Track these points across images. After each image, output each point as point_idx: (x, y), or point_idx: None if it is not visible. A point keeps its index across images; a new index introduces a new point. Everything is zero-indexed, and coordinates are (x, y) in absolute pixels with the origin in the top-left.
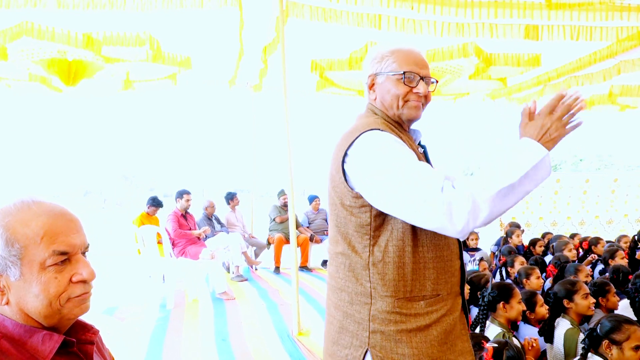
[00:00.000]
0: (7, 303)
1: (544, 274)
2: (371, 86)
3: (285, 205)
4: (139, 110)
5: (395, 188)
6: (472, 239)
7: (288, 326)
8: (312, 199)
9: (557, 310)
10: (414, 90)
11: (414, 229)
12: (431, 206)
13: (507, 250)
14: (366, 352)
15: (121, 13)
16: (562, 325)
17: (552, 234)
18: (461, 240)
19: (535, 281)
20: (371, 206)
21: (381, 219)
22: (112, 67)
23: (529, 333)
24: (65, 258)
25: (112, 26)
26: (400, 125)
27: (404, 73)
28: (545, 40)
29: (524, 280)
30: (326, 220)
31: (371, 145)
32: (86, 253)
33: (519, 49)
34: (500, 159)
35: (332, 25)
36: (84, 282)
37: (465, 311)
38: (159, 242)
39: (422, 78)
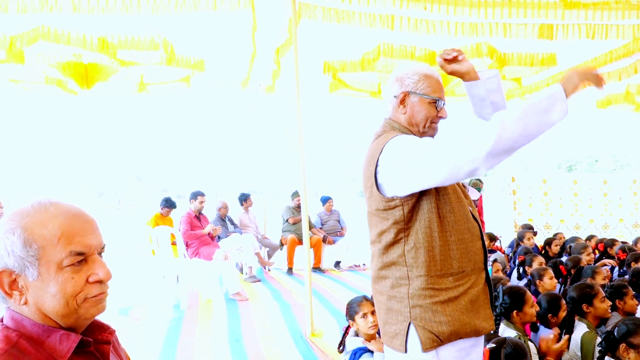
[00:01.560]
0: (25, 303)
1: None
2: (402, 101)
3: (298, 207)
4: (153, 112)
5: (434, 151)
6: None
7: (301, 327)
8: (325, 200)
9: (575, 314)
10: (439, 115)
11: (439, 218)
12: (466, 141)
13: (524, 251)
14: (409, 324)
15: (136, 17)
16: (579, 329)
17: (562, 233)
18: (491, 166)
19: (549, 282)
20: (402, 205)
21: (411, 213)
22: (127, 70)
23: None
24: (82, 258)
25: (126, 30)
26: None
27: (437, 100)
28: (560, 39)
29: (537, 281)
30: (339, 222)
31: (396, 144)
32: (102, 253)
33: (534, 49)
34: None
35: (344, 27)
36: (101, 282)
37: (489, 283)
38: (173, 243)
39: (443, 104)
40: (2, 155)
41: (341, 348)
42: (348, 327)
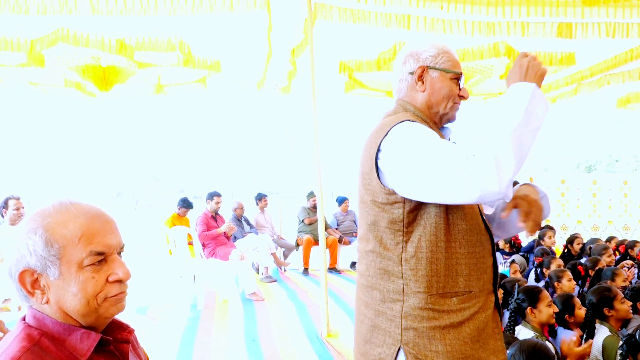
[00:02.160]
0: (47, 302)
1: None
2: (420, 77)
3: (314, 207)
4: (170, 113)
5: (428, 169)
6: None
7: (317, 327)
8: (341, 200)
9: (595, 318)
10: (461, 94)
11: (447, 225)
12: (465, 177)
13: (541, 251)
14: (399, 349)
15: (153, 18)
16: (601, 333)
17: (579, 234)
18: (507, 199)
19: (567, 284)
20: (404, 202)
21: (414, 214)
22: (144, 72)
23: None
24: (102, 258)
25: (144, 32)
26: (435, 124)
27: (460, 75)
28: (579, 38)
29: (555, 283)
30: (355, 222)
31: (402, 135)
32: (121, 253)
33: (552, 48)
34: (499, 110)
35: (360, 26)
36: (120, 281)
37: (499, 309)
38: (190, 243)
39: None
40: (22, 157)
41: None
42: None
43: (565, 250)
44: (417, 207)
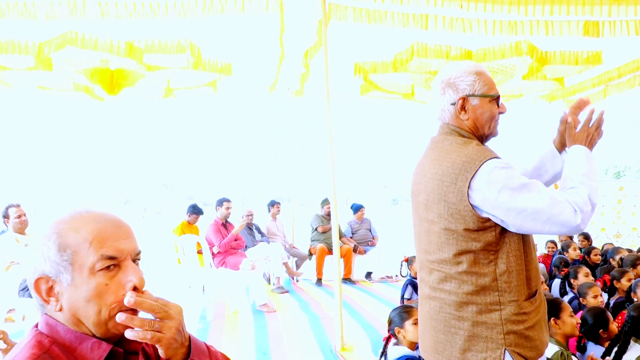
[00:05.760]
0: (60, 309)
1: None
2: (463, 107)
3: (328, 215)
4: (179, 118)
5: (532, 211)
6: None
7: (331, 340)
8: (357, 208)
9: (631, 335)
10: (500, 111)
11: (522, 238)
12: (565, 216)
13: (559, 260)
14: (505, 351)
15: (162, 20)
16: (634, 351)
17: (612, 244)
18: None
19: (592, 301)
20: (495, 226)
21: (502, 235)
22: (153, 75)
23: (597, 354)
24: (114, 263)
25: (153, 34)
26: (481, 141)
27: (498, 97)
28: (606, 36)
29: (581, 299)
30: (370, 231)
31: (493, 179)
32: (138, 260)
33: (577, 47)
34: (574, 167)
35: (376, 27)
36: (135, 289)
37: None
38: (199, 252)
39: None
40: (29, 162)
41: (383, 358)
42: (389, 337)
43: (581, 261)
44: (504, 229)
